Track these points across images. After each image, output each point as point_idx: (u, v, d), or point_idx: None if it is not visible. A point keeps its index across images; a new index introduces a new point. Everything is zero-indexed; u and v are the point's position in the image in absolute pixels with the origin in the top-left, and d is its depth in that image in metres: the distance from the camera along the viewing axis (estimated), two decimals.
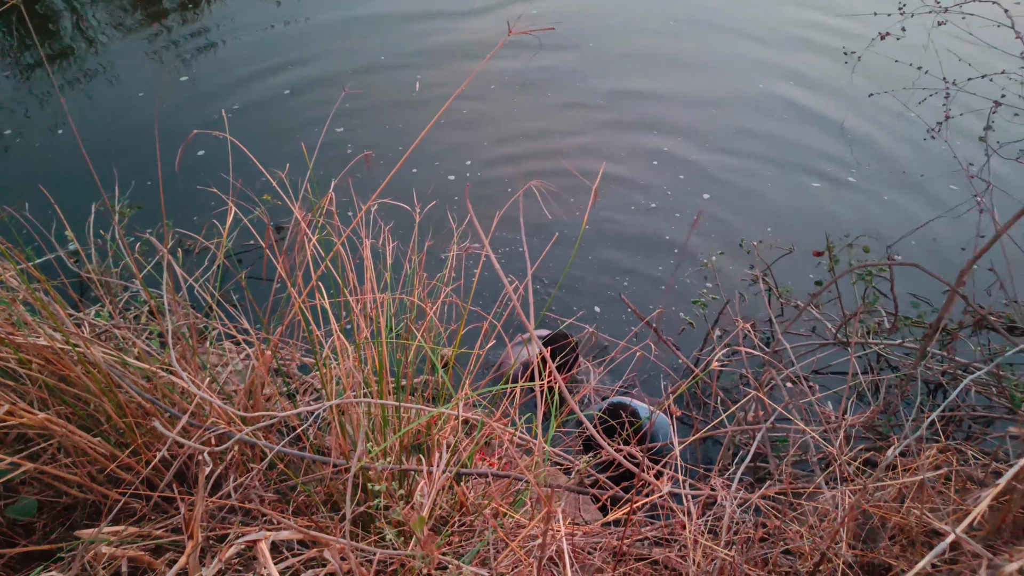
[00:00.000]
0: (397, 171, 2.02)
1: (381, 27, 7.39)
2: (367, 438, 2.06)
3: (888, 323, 3.85)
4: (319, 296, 2.16)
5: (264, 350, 2.29)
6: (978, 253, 2.92)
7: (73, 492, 2.05)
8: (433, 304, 2.36)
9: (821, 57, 6.78)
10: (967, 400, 3.58)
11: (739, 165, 5.56)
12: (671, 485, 2.10)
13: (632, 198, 5.22)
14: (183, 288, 2.62)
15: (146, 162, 5.12)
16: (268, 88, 6.31)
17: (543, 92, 6.36)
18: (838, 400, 3.17)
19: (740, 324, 3.13)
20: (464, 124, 5.90)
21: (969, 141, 3.25)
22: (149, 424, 2.09)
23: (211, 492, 2.05)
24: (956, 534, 1.84)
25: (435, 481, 1.71)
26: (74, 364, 2.06)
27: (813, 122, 5.98)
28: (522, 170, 5.35)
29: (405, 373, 2.30)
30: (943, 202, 4.29)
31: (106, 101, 6.21)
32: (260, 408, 2.31)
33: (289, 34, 7.26)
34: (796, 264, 4.59)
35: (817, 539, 2.17)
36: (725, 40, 7.27)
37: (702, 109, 6.22)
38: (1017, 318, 3.63)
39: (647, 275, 4.59)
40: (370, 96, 6.12)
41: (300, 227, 2.13)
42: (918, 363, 3.25)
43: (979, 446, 2.98)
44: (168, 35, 7.27)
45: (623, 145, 5.78)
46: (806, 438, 2.53)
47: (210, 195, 4.25)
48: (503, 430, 2.17)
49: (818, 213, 5.06)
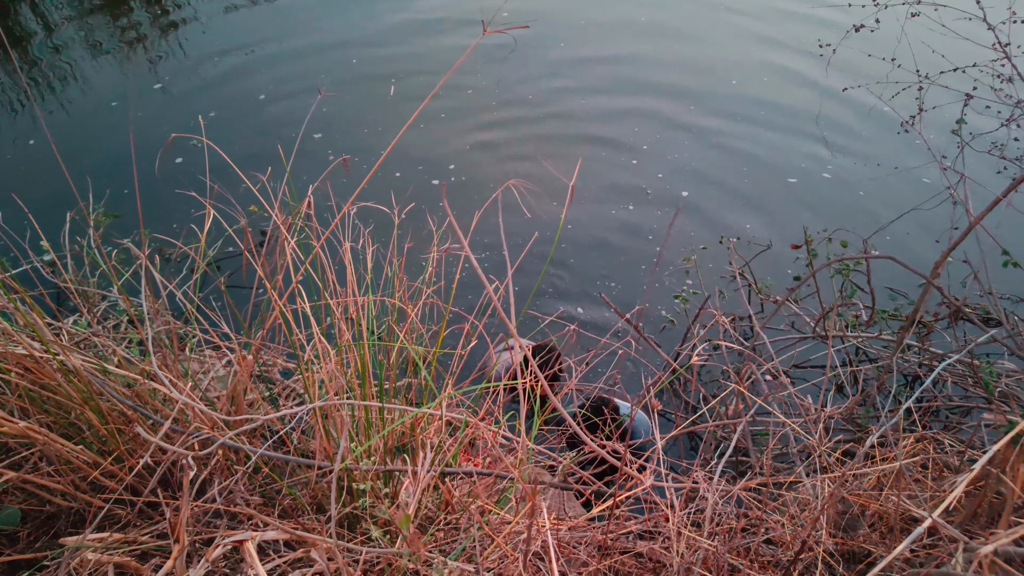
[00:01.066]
0: (379, 174, 2.03)
1: (354, 26, 7.40)
2: (351, 439, 2.07)
3: (866, 316, 3.91)
4: (300, 300, 2.17)
5: (246, 355, 2.29)
6: (952, 245, 2.97)
7: (56, 500, 2.04)
8: (414, 306, 2.37)
9: (795, 51, 6.86)
10: (944, 390, 3.65)
11: (716, 161, 5.61)
12: (654, 479, 2.13)
13: (614, 196, 5.26)
14: (163, 295, 2.61)
15: (123, 171, 5.09)
16: (243, 93, 6.29)
17: (517, 90, 6.40)
18: (818, 393, 3.21)
19: (720, 319, 3.17)
20: (442, 123, 5.91)
21: (943, 134, 3.30)
22: (131, 431, 2.08)
23: (196, 496, 2.05)
24: (933, 519, 1.88)
25: (420, 481, 1.72)
26: (54, 372, 2.05)
27: (788, 116, 6.05)
28: (503, 169, 5.36)
29: (388, 375, 2.31)
30: (917, 195, 4.35)
31: (79, 111, 6.17)
32: (243, 413, 2.30)
33: (262, 38, 7.25)
34: (775, 259, 4.64)
35: (798, 528, 2.21)
36: (700, 34, 7.35)
37: (677, 105, 6.27)
38: (992, 309, 3.69)
39: (629, 272, 4.62)
40: (346, 100, 6.12)
41: (279, 231, 2.14)
42: (895, 355, 3.30)
43: (956, 435, 3.04)
44: (141, 44, 7.23)
45: (601, 143, 5.82)
46: (786, 430, 2.57)
47: (191, 203, 4.23)
48: (487, 429, 2.19)
49: (796, 207, 5.12)
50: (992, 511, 2.27)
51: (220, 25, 7.58)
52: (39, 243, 3.44)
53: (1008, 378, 3.33)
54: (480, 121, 5.99)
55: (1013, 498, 2.04)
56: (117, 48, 7.17)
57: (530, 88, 6.46)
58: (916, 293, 3.75)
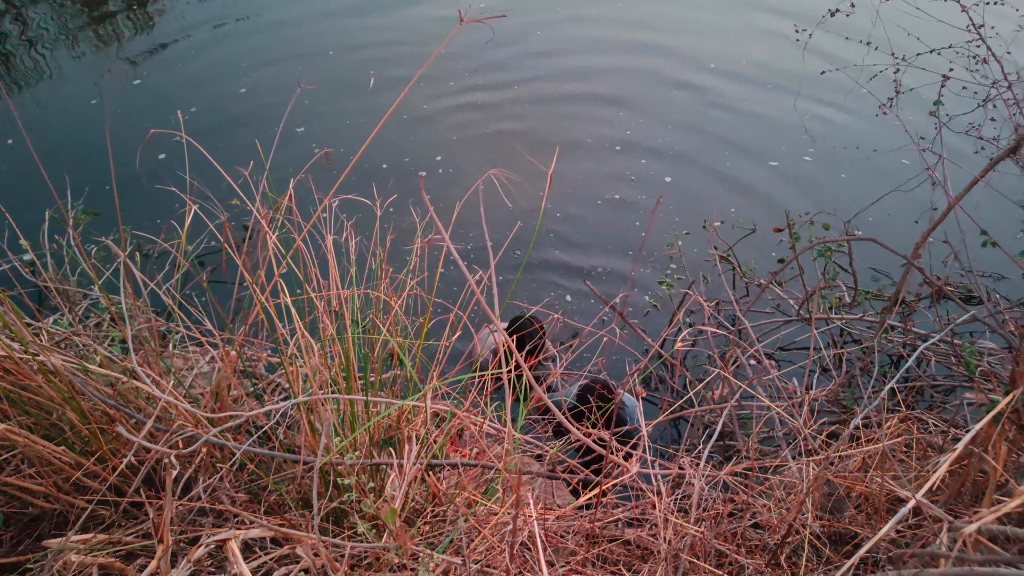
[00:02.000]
0: (365, 166, 2.01)
1: (330, 20, 7.34)
2: (336, 433, 2.06)
3: (849, 298, 3.93)
4: (283, 294, 2.15)
5: (229, 351, 2.27)
6: (932, 225, 2.99)
7: (39, 502, 2.02)
8: (398, 298, 2.36)
9: (772, 36, 6.87)
10: (928, 370, 3.68)
11: (698, 147, 5.63)
12: (640, 466, 2.13)
13: (596, 184, 5.26)
14: (144, 293, 2.58)
15: (103, 168, 5.02)
16: (223, 87, 6.22)
17: (497, 74, 6.38)
18: (803, 376, 3.23)
19: (704, 305, 3.18)
20: (426, 113, 5.88)
21: (920, 115, 3.31)
22: (114, 430, 2.06)
23: (181, 495, 2.03)
24: (917, 499, 1.90)
25: (406, 473, 1.72)
26: (34, 373, 2.03)
27: (767, 100, 6.07)
28: (488, 158, 5.35)
29: (373, 368, 2.30)
30: (897, 176, 4.37)
31: (58, 109, 6.08)
32: (227, 410, 2.29)
33: (239, 31, 7.18)
34: (759, 242, 4.66)
35: (784, 512, 2.22)
36: (679, 23, 7.35)
37: (659, 92, 6.27)
38: (973, 288, 3.72)
39: (615, 259, 4.62)
40: (327, 93, 6.07)
41: (261, 225, 2.12)
42: (878, 336, 3.32)
43: (940, 414, 3.06)
44: (117, 39, 7.13)
45: (585, 130, 5.81)
46: (772, 414, 2.58)
47: (173, 199, 4.18)
48: (472, 420, 2.18)
49: (778, 191, 5.14)
50: (976, 490, 2.29)
51: (196, 17, 7.49)
52: (18, 242, 3.40)
53: (991, 356, 3.36)
54: (464, 111, 5.96)
55: (996, 476, 2.06)
56: (94, 43, 7.07)
57: (511, 75, 6.43)
58: (898, 274, 3.78)
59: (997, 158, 2.74)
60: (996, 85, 2.92)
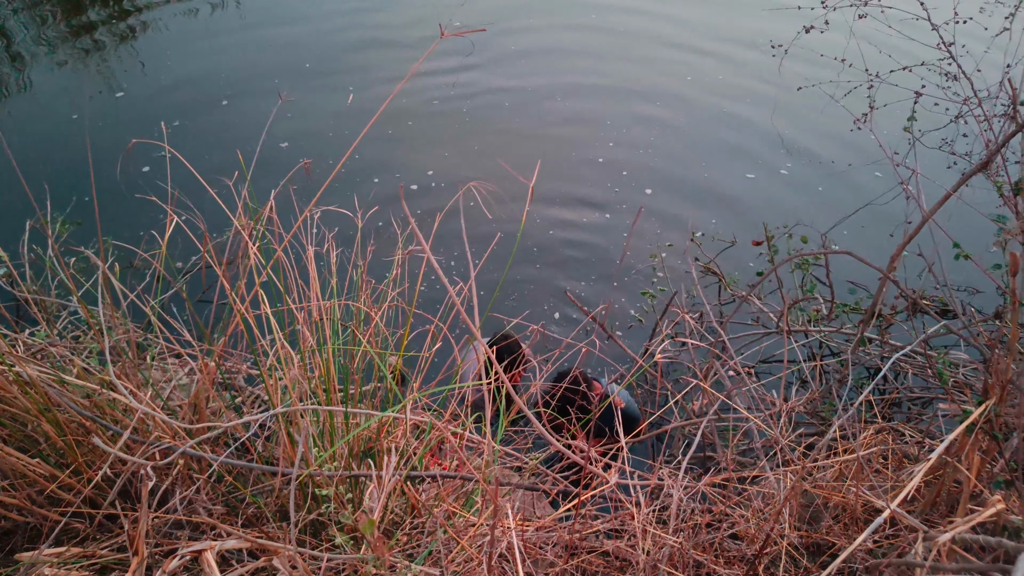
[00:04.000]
0: (358, 180, 2.01)
1: (311, 34, 7.39)
2: (315, 444, 2.05)
3: (827, 310, 3.97)
4: (263, 305, 2.15)
5: (208, 362, 2.26)
6: (907, 239, 3.04)
7: (12, 516, 2.00)
8: (379, 309, 2.36)
9: (748, 48, 6.98)
10: (905, 382, 3.72)
11: (677, 160, 5.70)
12: (619, 476, 2.14)
13: (577, 197, 5.30)
14: (123, 304, 2.56)
15: (86, 180, 4.99)
16: (206, 99, 6.21)
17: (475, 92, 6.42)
18: (782, 387, 3.26)
19: (686, 317, 3.20)
20: (411, 129, 5.90)
21: (894, 130, 3.38)
22: (90, 442, 2.05)
23: (157, 507, 2.02)
24: (892, 509, 1.92)
25: (385, 485, 1.72)
26: (9, 384, 2.01)
27: (744, 116, 6.16)
28: (478, 170, 5.38)
29: (353, 379, 2.30)
30: (872, 190, 4.45)
31: (39, 121, 6.04)
32: (205, 422, 2.28)
33: (221, 45, 7.19)
34: (739, 254, 4.71)
35: (762, 522, 2.24)
36: (655, 36, 7.46)
37: (634, 105, 6.35)
38: (948, 301, 3.78)
39: (598, 270, 4.66)
40: (309, 107, 6.08)
41: (241, 237, 2.12)
42: (856, 348, 3.36)
43: (916, 425, 3.10)
44: (99, 51, 7.12)
45: (565, 146, 5.86)
46: (750, 424, 2.60)
47: (157, 211, 4.15)
48: (452, 432, 2.18)
49: (756, 205, 5.21)
50: (951, 499, 2.32)
51: (178, 30, 7.50)
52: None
53: (964, 368, 3.41)
54: (452, 125, 6.00)
55: (970, 486, 2.09)
56: (75, 56, 7.05)
57: (493, 89, 6.48)
58: (875, 287, 3.83)
59: (968, 173, 2.79)
60: (967, 102, 2.98)
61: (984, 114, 2.88)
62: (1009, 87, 2.74)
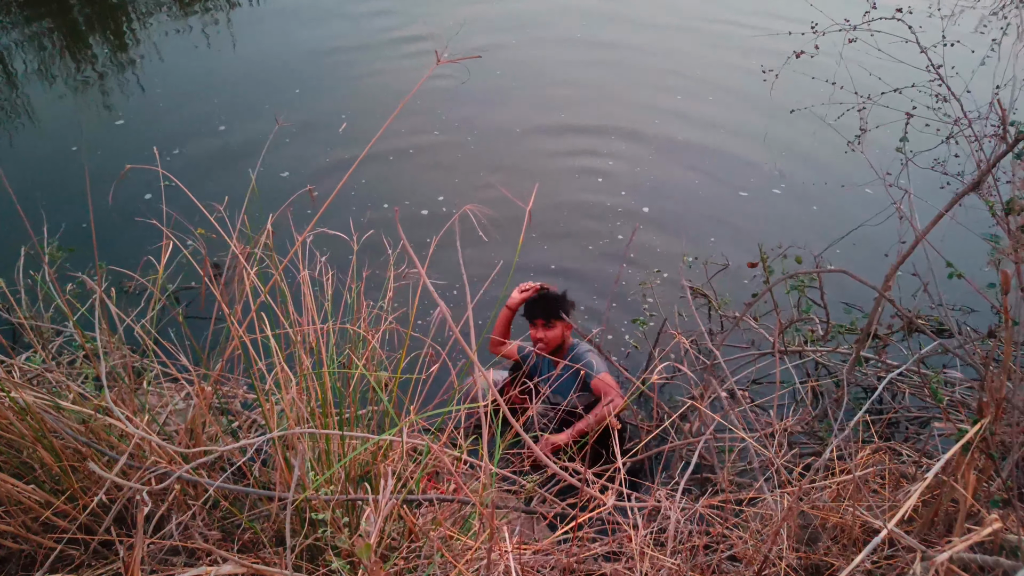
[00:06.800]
0: (369, 206, 2.01)
1: (306, 58, 7.49)
2: (311, 468, 2.05)
3: (822, 331, 3.98)
4: (259, 328, 2.15)
5: (204, 387, 2.26)
6: (901, 258, 3.05)
7: (7, 543, 1.98)
8: (375, 332, 2.37)
9: (739, 76, 7.07)
10: (903, 402, 3.72)
11: (672, 179, 5.76)
12: (616, 498, 2.14)
13: (574, 216, 5.34)
14: (119, 328, 2.57)
15: (83, 207, 5.01)
16: (203, 127, 6.27)
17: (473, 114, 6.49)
18: (778, 408, 3.26)
19: (681, 339, 3.21)
20: (411, 157, 5.95)
21: (887, 151, 3.41)
22: (85, 468, 2.04)
23: (153, 533, 2.01)
24: (889, 528, 1.92)
25: (381, 508, 1.71)
26: (5, 411, 2.01)
27: (736, 137, 6.23)
28: (486, 195, 5.42)
29: (349, 403, 2.30)
30: (865, 211, 4.48)
31: (37, 149, 6.09)
32: (202, 446, 2.27)
33: (215, 71, 7.28)
34: (735, 274, 4.74)
35: (760, 543, 2.23)
36: (647, 56, 7.56)
37: (627, 124, 6.43)
38: (944, 320, 3.79)
39: (596, 290, 4.68)
40: (306, 133, 6.13)
41: (237, 261, 2.13)
42: (852, 368, 3.36)
43: (914, 445, 3.10)
44: (99, 79, 7.18)
45: (559, 165, 5.91)
46: (746, 444, 2.60)
47: (156, 238, 4.17)
48: (449, 455, 2.18)
49: (750, 225, 5.25)
50: (948, 519, 2.32)
51: (173, 57, 7.60)
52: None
53: (960, 386, 3.42)
54: (453, 151, 6.05)
55: (966, 505, 2.09)
56: (76, 85, 7.12)
57: (489, 114, 6.55)
58: (869, 307, 3.84)
59: (960, 193, 2.81)
60: (958, 123, 3.02)
61: (975, 134, 2.91)
62: (999, 108, 2.77)
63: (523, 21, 8.42)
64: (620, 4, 9.01)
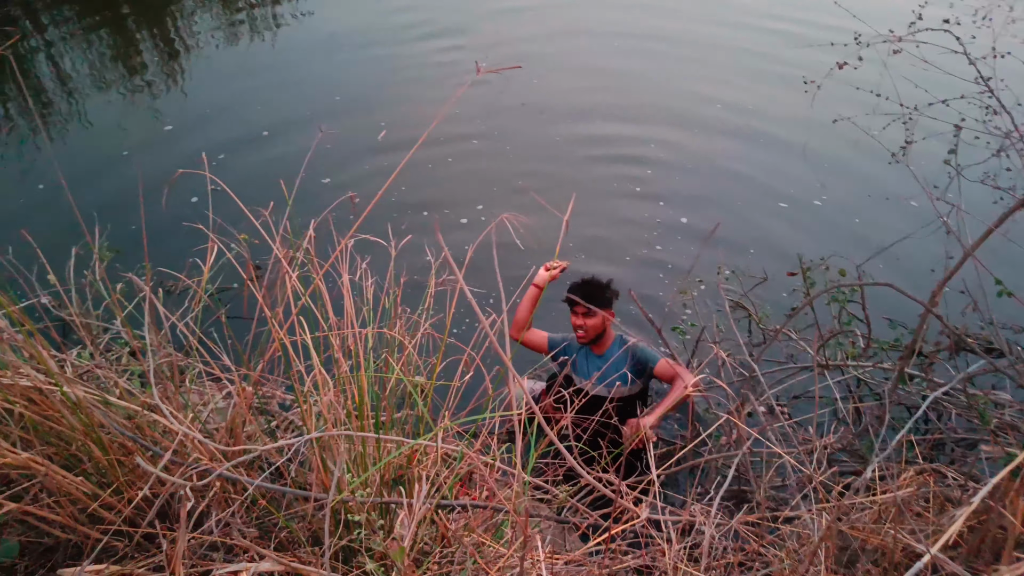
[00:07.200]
0: (408, 212, 2.02)
1: (351, 67, 7.60)
2: (347, 470, 2.07)
3: (863, 345, 3.90)
4: (299, 331, 2.19)
5: (245, 387, 2.31)
6: (949, 273, 2.98)
7: (55, 532, 2.04)
8: (412, 338, 2.39)
9: (781, 87, 6.99)
10: (949, 422, 3.62)
11: (711, 191, 5.71)
12: (650, 511, 2.12)
13: (611, 224, 5.33)
14: (165, 327, 2.63)
15: (131, 209, 5.15)
16: (248, 133, 6.41)
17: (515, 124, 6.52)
18: (817, 424, 3.21)
19: (718, 351, 3.17)
20: (452, 165, 6.00)
21: (933, 163, 3.34)
22: (131, 462, 2.10)
23: (193, 528, 2.05)
24: (932, 553, 1.87)
25: (415, 513, 1.73)
26: (58, 404, 2.07)
27: (778, 150, 6.15)
28: (522, 203, 5.44)
29: (384, 406, 2.32)
30: (908, 224, 4.40)
31: (88, 154, 6.28)
32: (242, 445, 2.31)
33: (262, 77, 7.46)
34: (773, 285, 4.68)
35: (796, 563, 2.19)
36: (688, 71, 7.52)
37: (666, 134, 6.40)
38: (994, 339, 3.68)
39: (629, 301, 4.65)
40: (349, 141, 6.21)
41: (279, 264, 2.17)
42: (895, 386, 3.29)
43: (960, 468, 3.01)
44: (148, 87, 7.39)
45: (596, 173, 5.91)
46: (784, 460, 2.56)
47: (201, 241, 4.27)
48: (483, 461, 2.19)
49: (789, 236, 5.18)
50: (995, 546, 2.25)
51: (219, 64, 7.79)
52: (46, 277, 3.49)
53: (1009, 409, 3.31)
54: (493, 161, 6.08)
55: (1014, 532, 2.03)
56: (127, 93, 7.33)
57: (529, 125, 6.57)
58: (913, 323, 3.76)
59: (1011, 209, 2.74)
60: (1009, 136, 2.94)
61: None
62: None
63: (563, 28, 8.45)
64: (656, 13, 8.99)
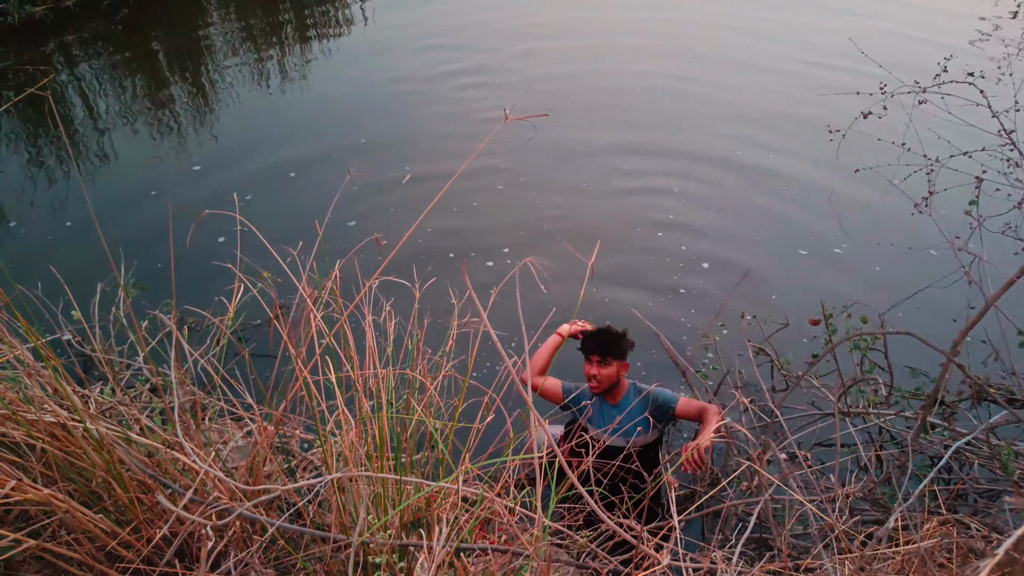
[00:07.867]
0: (434, 254, 2.04)
1: (377, 108, 7.74)
2: (368, 512, 2.07)
3: (885, 393, 3.87)
4: (322, 371, 2.21)
5: (266, 426, 2.32)
6: (970, 324, 2.97)
7: (73, 571, 2.05)
8: (434, 379, 2.40)
9: (806, 135, 7.04)
10: (971, 472, 3.56)
11: (735, 235, 5.72)
12: (671, 558, 2.10)
13: (634, 266, 5.36)
14: (189, 364, 2.67)
15: (158, 248, 5.23)
16: (275, 173, 6.52)
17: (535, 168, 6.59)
18: (839, 472, 3.17)
19: (739, 397, 3.16)
20: (479, 209, 6.07)
21: (955, 214, 3.35)
22: (151, 500, 2.10)
23: (211, 568, 2.05)
24: None
25: (435, 556, 1.72)
26: (80, 440, 2.09)
27: (800, 198, 6.18)
28: (550, 248, 5.49)
29: (405, 448, 2.32)
30: (929, 275, 4.40)
31: (117, 191, 6.40)
32: (261, 484, 2.32)
33: (289, 118, 7.60)
34: (794, 333, 4.66)
35: None
36: (710, 108, 7.60)
37: (689, 181, 6.45)
38: (1016, 389, 3.64)
39: (651, 345, 4.65)
40: (376, 184, 6.30)
41: (305, 304, 2.20)
42: (917, 434, 3.25)
43: (983, 519, 2.96)
44: (178, 127, 7.56)
45: (620, 216, 5.95)
46: (805, 509, 2.53)
47: (228, 280, 4.34)
48: (503, 505, 2.18)
49: (810, 284, 5.17)
50: None
51: (250, 107, 7.95)
52: (71, 312, 3.54)
53: None
54: (517, 205, 6.15)
55: None
56: (157, 131, 7.50)
57: (556, 172, 6.65)
58: (935, 372, 3.73)
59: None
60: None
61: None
62: None
63: (592, 69, 8.57)
64: (681, 49, 9.13)
